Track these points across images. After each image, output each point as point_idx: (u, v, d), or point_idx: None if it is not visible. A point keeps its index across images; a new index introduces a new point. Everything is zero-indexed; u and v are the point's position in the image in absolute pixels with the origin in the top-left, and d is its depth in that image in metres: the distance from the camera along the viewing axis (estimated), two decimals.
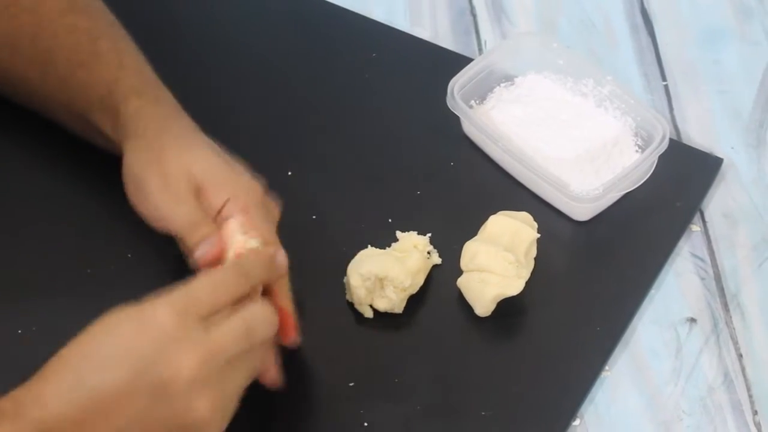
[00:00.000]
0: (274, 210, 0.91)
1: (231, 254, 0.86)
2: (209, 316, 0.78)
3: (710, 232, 1.03)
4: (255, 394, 0.91)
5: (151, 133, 0.91)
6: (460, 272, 0.96)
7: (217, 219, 0.89)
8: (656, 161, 1.02)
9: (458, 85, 1.04)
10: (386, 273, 0.94)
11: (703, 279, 1.01)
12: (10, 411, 0.75)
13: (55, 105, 0.97)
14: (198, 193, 0.89)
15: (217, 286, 0.79)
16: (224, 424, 0.79)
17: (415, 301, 0.96)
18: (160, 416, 0.76)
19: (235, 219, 0.88)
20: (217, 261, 0.86)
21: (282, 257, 0.87)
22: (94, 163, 0.99)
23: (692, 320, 0.98)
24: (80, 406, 0.74)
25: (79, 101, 0.95)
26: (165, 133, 0.91)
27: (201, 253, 0.86)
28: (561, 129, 1.05)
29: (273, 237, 0.88)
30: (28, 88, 0.97)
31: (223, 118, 1.06)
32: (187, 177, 0.89)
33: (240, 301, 0.81)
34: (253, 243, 0.86)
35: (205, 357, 0.76)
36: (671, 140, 1.02)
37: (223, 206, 0.88)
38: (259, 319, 0.81)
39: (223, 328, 0.78)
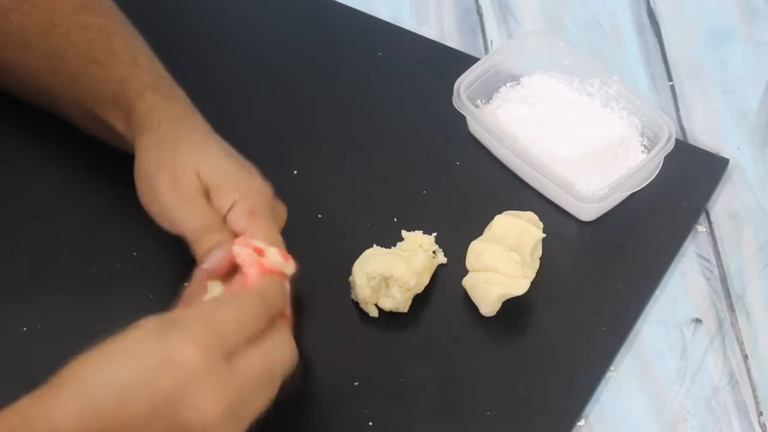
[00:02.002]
0: (282, 213, 0.91)
1: (253, 270, 0.84)
2: (235, 354, 0.77)
3: (716, 232, 1.03)
4: None
5: (164, 129, 0.91)
6: (465, 272, 0.96)
7: (225, 221, 0.88)
8: (662, 161, 1.02)
9: (464, 84, 1.04)
10: (391, 272, 0.94)
11: (708, 279, 1.00)
12: (18, 427, 0.72)
13: (65, 101, 0.97)
14: (207, 194, 0.89)
15: (244, 320, 0.78)
16: None
17: (420, 300, 0.96)
18: None
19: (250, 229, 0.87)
20: (224, 274, 0.86)
21: (287, 286, 0.85)
22: (100, 160, 0.99)
23: (698, 321, 0.98)
24: (95, 431, 0.73)
25: (90, 98, 0.94)
26: (178, 131, 0.91)
27: (209, 265, 0.85)
28: (567, 129, 1.05)
29: (278, 241, 0.88)
30: (38, 84, 0.97)
31: (229, 116, 1.06)
32: (196, 177, 0.89)
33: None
34: (274, 255, 0.85)
35: (231, 401, 0.75)
36: (677, 141, 1.02)
37: (230, 208, 0.88)
38: (280, 351, 0.79)
39: (246, 364, 0.77)
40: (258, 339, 0.78)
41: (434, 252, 0.98)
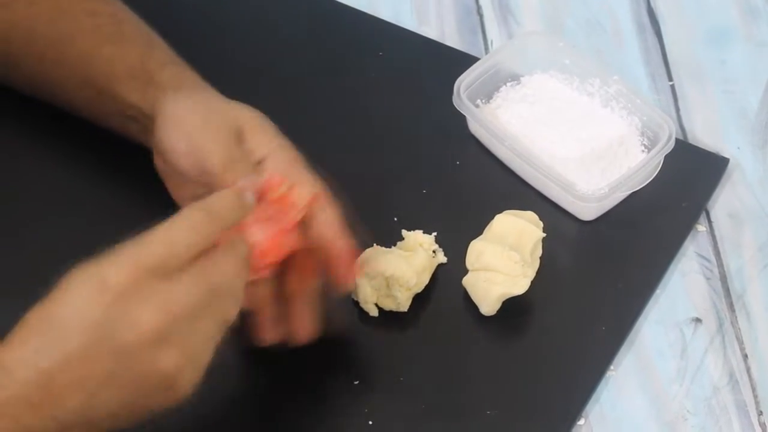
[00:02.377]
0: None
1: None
2: (168, 270, 0.75)
3: (716, 232, 1.03)
4: (258, 393, 0.91)
5: (191, 87, 0.91)
6: (465, 271, 0.96)
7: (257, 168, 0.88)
8: (662, 161, 1.02)
9: (464, 84, 1.04)
10: (392, 272, 0.94)
11: (708, 279, 1.00)
12: None
13: (70, 84, 0.97)
14: (239, 138, 0.88)
15: (173, 237, 0.76)
16: (196, 377, 0.77)
17: (420, 299, 0.96)
18: (128, 376, 0.74)
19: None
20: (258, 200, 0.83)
21: (250, 195, 0.82)
22: (101, 159, 0.99)
23: (697, 320, 0.98)
24: (45, 370, 0.73)
25: (101, 76, 0.94)
26: (205, 90, 0.91)
27: (242, 186, 0.83)
28: (567, 128, 1.05)
29: (320, 186, 0.87)
30: (42, 73, 0.97)
31: None
32: (231, 121, 0.88)
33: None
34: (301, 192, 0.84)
35: (162, 311, 0.74)
36: (677, 140, 1.02)
37: (266, 156, 0.87)
38: (222, 268, 0.77)
39: (180, 280, 0.75)
40: (200, 257, 0.76)
41: (434, 251, 0.98)
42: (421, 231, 0.99)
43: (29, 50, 0.97)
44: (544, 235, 0.97)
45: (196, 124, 0.88)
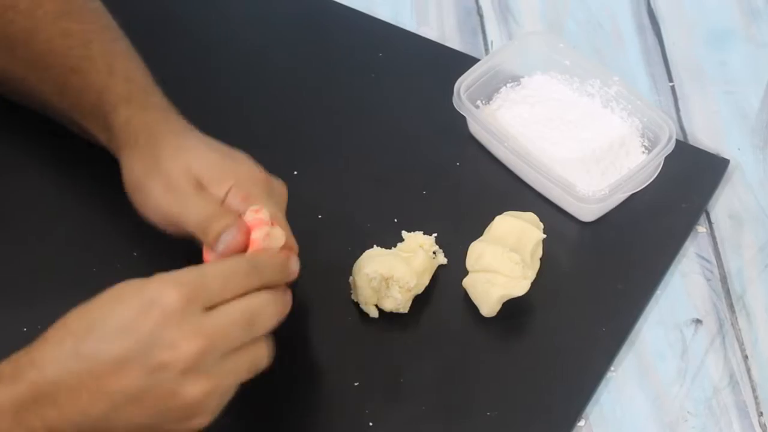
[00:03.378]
0: (281, 191, 0.90)
1: (261, 234, 0.85)
2: (215, 306, 0.78)
3: (716, 233, 1.03)
4: (258, 393, 0.91)
5: (143, 141, 0.91)
6: (465, 272, 0.96)
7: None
8: (662, 162, 1.02)
9: (464, 85, 1.04)
10: (392, 273, 0.94)
11: (708, 280, 1.00)
12: (7, 373, 0.76)
13: (53, 109, 0.97)
14: (200, 187, 0.89)
15: (228, 276, 0.79)
16: (215, 413, 0.79)
17: (420, 301, 0.96)
18: (153, 395, 0.76)
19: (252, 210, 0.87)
20: (243, 248, 0.85)
21: (295, 263, 0.86)
22: (101, 160, 0.98)
23: (698, 321, 0.98)
24: (76, 372, 0.75)
25: (74, 108, 0.95)
26: (157, 140, 0.91)
27: (223, 243, 0.85)
28: (567, 129, 1.05)
29: (280, 218, 0.88)
30: (27, 90, 0.98)
31: (229, 117, 1.06)
32: (187, 176, 0.88)
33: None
34: (278, 232, 0.85)
35: (204, 344, 0.76)
36: (678, 141, 1.02)
37: (225, 196, 0.87)
38: (265, 308, 0.80)
39: (226, 316, 0.78)
40: (246, 298, 0.79)
41: (434, 252, 0.98)
42: (422, 232, 0.99)
43: (12, 69, 0.97)
44: (545, 236, 0.97)
45: (160, 191, 0.89)
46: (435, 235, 0.99)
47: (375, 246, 0.97)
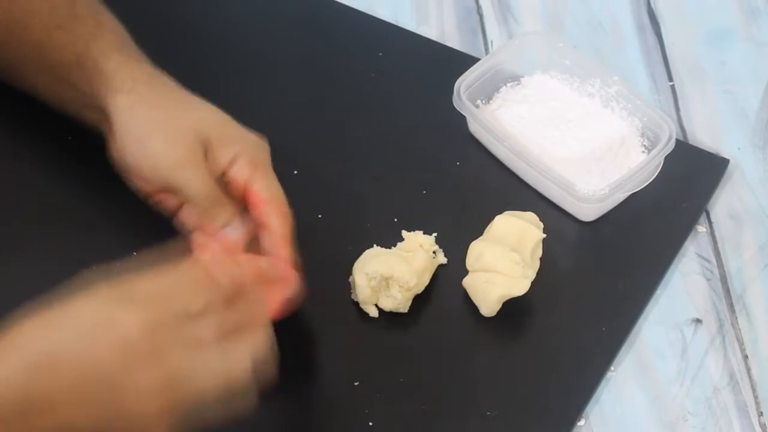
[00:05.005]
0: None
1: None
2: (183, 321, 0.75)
3: (716, 232, 1.03)
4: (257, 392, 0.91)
5: (142, 88, 0.89)
6: (465, 272, 0.96)
7: (225, 177, 0.88)
8: (662, 162, 1.02)
9: (464, 84, 1.04)
10: (392, 272, 0.94)
11: (708, 280, 1.00)
12: None
13: (32, 72, 0.96)
14: (206, 151, 0.87)
15: (192, 294, 0.75)
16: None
17: (420, 300, 0.96)
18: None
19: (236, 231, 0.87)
20: (237, 249, 0.85)
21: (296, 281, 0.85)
22: (101, 159, 0.98)
23: (698, 321, 0.98)
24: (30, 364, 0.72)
25: (56, 63, 0.93)
26: (159, 89, 0.89)
27: (223, 237, 0.84)
28: (567, 129, 1.05)
29: (280, 195, 0.87)
30: (6, 57, 0.96)
31: (229, 116, 1.06)
32: (195, 133, 0.87)
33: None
34: (263, 264, 0.85)
35: (166, 370, 0.73)
36: (677, 141, 1.02)
37: (233, 160, 0.86)
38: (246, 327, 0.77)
39: (196, 330, 0.75)
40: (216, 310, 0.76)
41: (434, 252, 0.98)
42: (422, 232, 0.99)
43: None
44: (545, 235, 0.97)
45: (164, 147, 0.87)
46: (435, 234, 0.99)
47: (375, 246, 0.97)
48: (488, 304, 0.95)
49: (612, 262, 1.00)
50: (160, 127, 0.87)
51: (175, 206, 0.90)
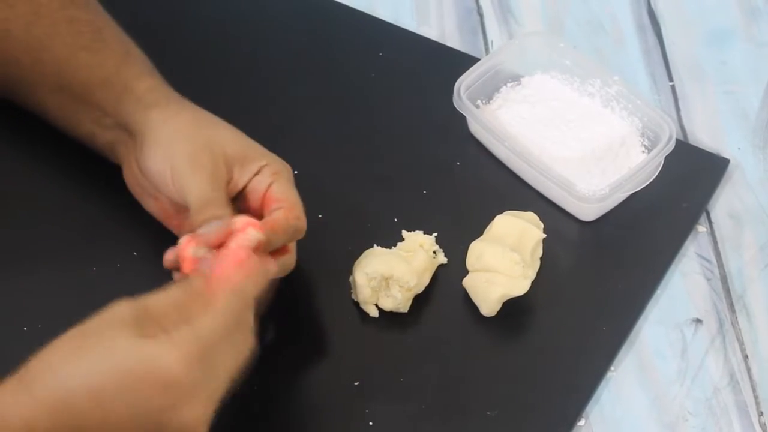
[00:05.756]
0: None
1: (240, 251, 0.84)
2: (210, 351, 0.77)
3: (716, 232, 1.03)
4: (258, 392, 0.91)
5: (176, 106, 0.91)
6: (465, 272, 0.96)
7: (246, 189, 0.89)
8: (663, 162, 1.02)
9: (465, 84, 1.04)
10: (392, 272, 0.94)
11: (709, 280, 1.00)
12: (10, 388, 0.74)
13: (44, 89, 0.96)
14: (228, 166, 0.88)
15: (223, 323, 0.77)
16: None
17: (420, 300, 0.96)
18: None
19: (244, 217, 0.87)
20: (216, 244, 0.85)
21: (273, 265, 0.85)
22: (101, 159, 0.99)
23: (698, 321, 0.98)
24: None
25: (76, 82, 0.94)
26: (190, 109, 0.91)
27: (205, 230, 0.84)
28: (568, 129, 1.05)
29: (299, 203, 0.88)
30: (18, 76, 0.97)
31: (229, 116, 1.05)
32: (222, 149, 0.88)
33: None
34: (258, 236, 0.85)
35: (208, 400, 0.76)
36: (678, 141, 1.02)
37: (257, 172, 0.88)
38: (245, 345, 0.79)
39: (219, 364, 0.77)
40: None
41: (435, 252, 0.98)
42: (422, 231, 0.99)
43: (4, 53, 0.96)
44: (545, 235, 0.97)
45: (186, 153, 0.88)
46: (435, 234, 0.99)
47: (375, 246, 0.97)
48: (488, 304, 0.94)
49: (612, 262, 1.00)
50: (191, 139, 0.89)
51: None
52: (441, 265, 0.98)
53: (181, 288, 0.79)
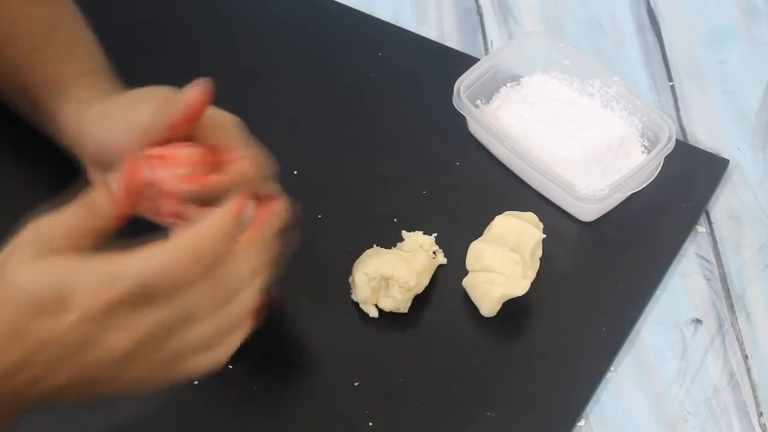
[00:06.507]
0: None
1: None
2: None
3: (716, 233, 1.03)
4: (257, 392, 0.91)
5: (108, 101, 0.89)
6: (465, 272, 0.96)
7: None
8: (662, 162, 1.02)
9: (464, 84, 1.04)
10: (392, 272, 0.94)
11: (708, 280, 1.00)
12: None
13: (10, 91, 0.96)
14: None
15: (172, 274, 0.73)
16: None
17: (420, 301, 0.96)
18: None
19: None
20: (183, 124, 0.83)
21: (247, 208, 0.77)
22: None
23: (698, 321, 0.98)
24: None
25: (31, 85, 0.94)
26: (125, 95, 0.89)
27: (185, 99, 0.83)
28: (567, 129, 1.05)
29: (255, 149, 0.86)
30: None
31: None
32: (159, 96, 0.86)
33: None
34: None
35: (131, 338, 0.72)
36: (677, 141, 1.02)
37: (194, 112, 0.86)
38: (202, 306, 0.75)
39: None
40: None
41: (434, 252, 0.98)
42: (421, 232, 0.99)
43: None
44: (545, 236, 0.97)
45: (122, 112, 0.87)
46: (435, 234, 0.99)
47: (375, 246, 0.97)
48: (488, 304, 0.95)
49: (612, 262, 1.00)
50: (124, 105, 0.87)
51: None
52: (441, 266, 0.98)
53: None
